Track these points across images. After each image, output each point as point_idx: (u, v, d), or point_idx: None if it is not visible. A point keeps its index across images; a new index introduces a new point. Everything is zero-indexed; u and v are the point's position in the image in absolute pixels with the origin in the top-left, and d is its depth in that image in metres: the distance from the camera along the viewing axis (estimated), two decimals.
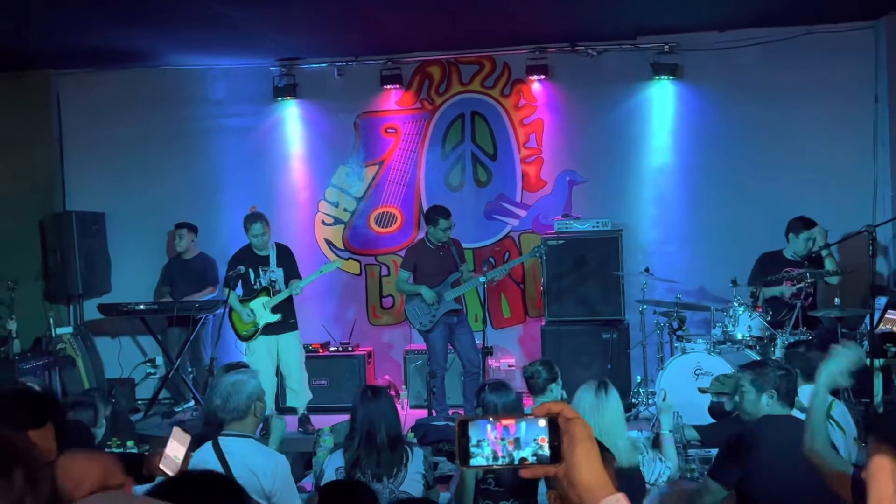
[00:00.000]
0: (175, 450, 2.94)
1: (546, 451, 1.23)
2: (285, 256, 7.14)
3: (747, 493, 3.79)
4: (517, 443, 1.23)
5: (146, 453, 3.10)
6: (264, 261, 7.07)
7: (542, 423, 1.24)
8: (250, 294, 7.04)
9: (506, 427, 1.24)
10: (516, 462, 1.24)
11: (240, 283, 7.03)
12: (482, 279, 7.03)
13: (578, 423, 1.24)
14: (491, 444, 1.23)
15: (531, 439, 1.24)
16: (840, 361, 3.04)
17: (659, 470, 4.22)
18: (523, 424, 1.25)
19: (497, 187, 8.47)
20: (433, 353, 7.22)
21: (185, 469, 2.96)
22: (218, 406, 3.98)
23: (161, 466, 2.89)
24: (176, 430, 3.02)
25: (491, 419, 1.25)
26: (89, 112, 8.73)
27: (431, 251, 7.23)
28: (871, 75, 7.78)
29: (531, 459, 1.23)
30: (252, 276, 7.06)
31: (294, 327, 7.11)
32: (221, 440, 3.89)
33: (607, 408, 3.83)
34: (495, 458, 1.23)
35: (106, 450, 5.26)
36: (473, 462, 1.24)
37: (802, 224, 6.98)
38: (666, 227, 8.18)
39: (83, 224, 8.31)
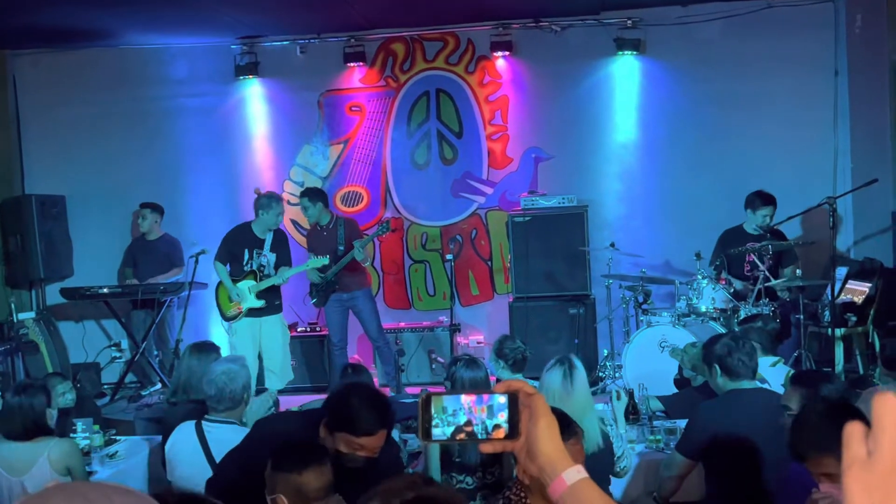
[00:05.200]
0: None
1: (506, 426, 1.26)
2: (280, 243, 7.10)
3: (713, 466, 3.83)
4: (490, 410, 1.26)
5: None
6: (260, 243, 7.00)
7: (503, 399, 1.27)
8: (240, 275, 6.97)
9: (478, 397, 1.27)
10: (490, 430, 1.26)
11: (229, 262, 7.00)
12: (349, 256, 7.12)
13: (538, 398, 1.27)
14: (466, 413, 1.26)
15: (497, 413, 1.26)
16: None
17: (624, 447, 4.24)
18: (492, 396, 1.28)
19: (463, 165, 8.46)
20: (328, 327, 7.50)
21: None
22: (212, 396, 3.99)
23: None
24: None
25: (460, 393, 1.28)
26: (47, 93, 8.56)
27: (318, 232, 7.40)
28: (831, 49, 7.86)
29: (504, 426, 1.26)
30: (246, 256, 6.99)
31: (278, 310, 7.10)
32: (205, 424, 3.90)
33: (577, 390, 3.84)
34: (468, 423, 1.25)
35: (71, 435, 5.22)
36: (435, 436, 1.26)
37: (761, 201, 7.02)
38: (631, 203, 8.23)
39: (43, 207, 8.18)
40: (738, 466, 3.68)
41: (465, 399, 1.26)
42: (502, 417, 1.26)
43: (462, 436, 1.26)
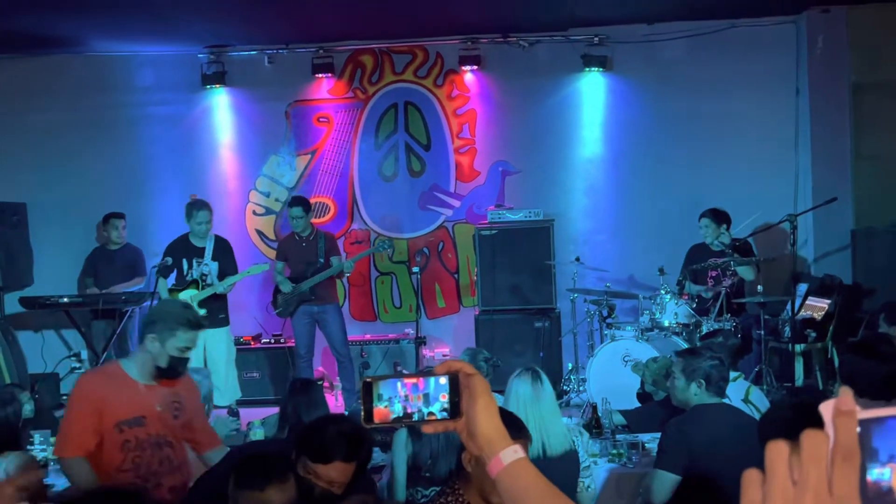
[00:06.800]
0: None
1: (447, 406, 1.29)
2: (222, 250, 7.04)
3: (683, 483, 3.84)
4: (426, 398, 1.28)
5: None
6: (199, 252, 6.95)
7: (443, 380, 1.29)
8: (182, 285, 6.92)
9: (415, 384, 1.29)
10: (425, 417, 1.28)
11: (174, 273, 6.92)
12: (333, 270, 7.14)
13: (478, 378, 1.30)
14: (401, 400, 1.27)
15: (437, 396, 1.28)
16: None
17: (589, 462, 4.27)
18: (429, 381, 1.30)
19: (431, 177, 8.48)
20: (295, 339, 7.43)
21: None
22: None
23: None
24: None
25: (399, 378, 1.29)
26: (10, 100, 8.43)
27: (296, 242, 7.35)
28: (793, 69, 8.01)
29: (439, 415, 1.28)
30: (185, 266, 6.93)
31: (223, 323, 7.01)
32: None
33: (544, 397, 3.88)
34: (407, 415, 1.27)
35: (28, 448, 5.12)
36: (379, 422, 1.28)
37: (701, 215, 7.16)
38: (596, 217, 8.30)
39: (2, 215, 8.00)
40: (706, 483, 3.71)
41: (402, 387, 1.28)
42: (444, 398, 1.28)
43: (405, 420, 1.29)
